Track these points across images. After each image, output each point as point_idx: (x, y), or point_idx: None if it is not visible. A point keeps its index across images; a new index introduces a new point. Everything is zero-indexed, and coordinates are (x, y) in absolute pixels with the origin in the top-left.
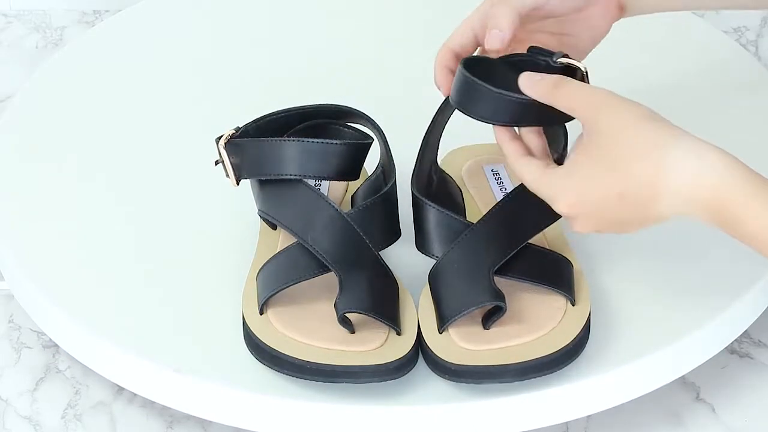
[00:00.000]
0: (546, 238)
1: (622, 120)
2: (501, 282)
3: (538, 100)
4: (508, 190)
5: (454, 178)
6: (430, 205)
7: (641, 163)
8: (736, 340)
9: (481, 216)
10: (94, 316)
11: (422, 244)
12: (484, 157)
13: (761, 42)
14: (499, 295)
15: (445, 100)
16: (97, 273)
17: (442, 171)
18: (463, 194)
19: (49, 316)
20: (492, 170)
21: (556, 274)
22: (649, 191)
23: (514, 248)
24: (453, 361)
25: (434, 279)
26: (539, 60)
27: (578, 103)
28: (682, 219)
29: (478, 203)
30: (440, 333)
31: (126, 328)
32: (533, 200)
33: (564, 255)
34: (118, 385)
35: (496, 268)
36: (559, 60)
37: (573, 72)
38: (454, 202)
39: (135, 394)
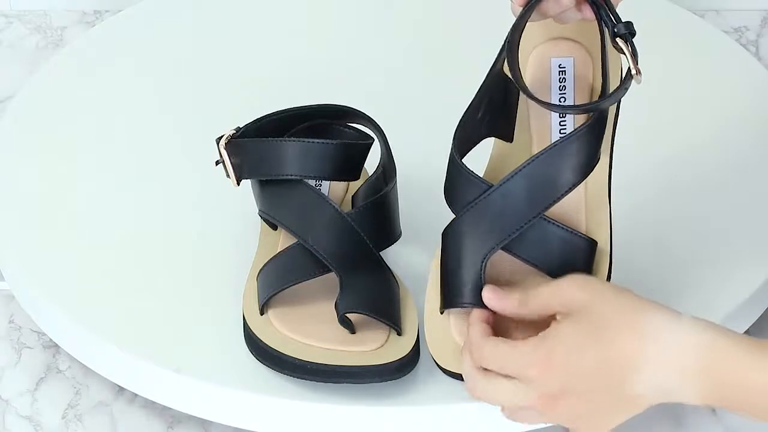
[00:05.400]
0: (587, 188)
1: (599, 288)
2: (505, 262)
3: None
4: (567, 99)
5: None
6: (463, 168)
7: (623, 327)
8: None
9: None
10: (95, 316)
11: (447, 196)
12: (554, 45)
13: (761, 42)
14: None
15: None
16: (97, 273)
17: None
18: (520, 93)
19: (50, 317)
20: (559, 65)
21: (564, 260)
22: (630, 357)
23: (524, 224)
24: (442, 365)
25: (445, 239)
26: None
27: (548, 302)
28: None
29: (530, 111)
30: (441, 313)
31: (126, 328)
32: (562, 164)
33: (590, 231)
34: (118, 386)
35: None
36: (617, 38)
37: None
38: (506, 111)
39: (135, 395)
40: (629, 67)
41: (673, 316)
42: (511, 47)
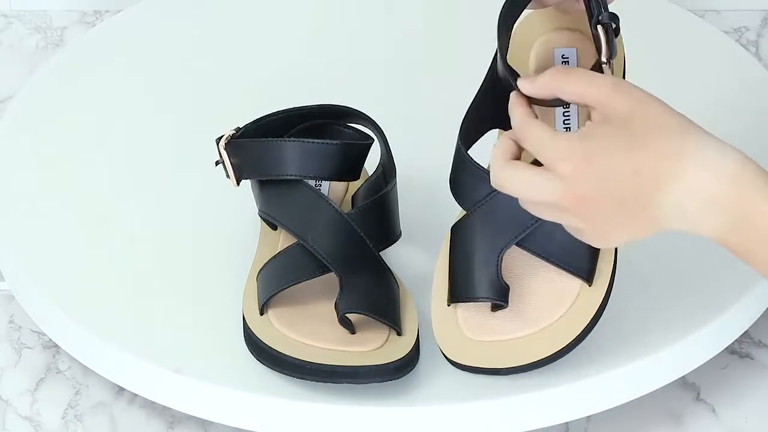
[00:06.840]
0: None
1: (644, 100)
2: (516, 257)
3: (539, 94)
4: None
5: (522, 53)
6: (468, 160)
7: (664, 142)
8: (736, 340)
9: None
10: (94, 316)
11: (455, 191)
12: (557, 35)
13: (761, 42)
14: (501, 291)
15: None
16: (97, 273)
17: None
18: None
19: (50, 317)
20: (563, 56)
21: (574, 251)
22: (664, 172)
23: (538, 219)
24: (449, 357)
25: (454, 235)
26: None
27: (589, 87)
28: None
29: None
30: (448, 305)
31: (126, 328)
32: None
33: None
34: (118, 386)
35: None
36: (599, 25)
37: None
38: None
39: (135, 395)
40: (599, 56)
41: (718, 144)
42: (501, 40)
